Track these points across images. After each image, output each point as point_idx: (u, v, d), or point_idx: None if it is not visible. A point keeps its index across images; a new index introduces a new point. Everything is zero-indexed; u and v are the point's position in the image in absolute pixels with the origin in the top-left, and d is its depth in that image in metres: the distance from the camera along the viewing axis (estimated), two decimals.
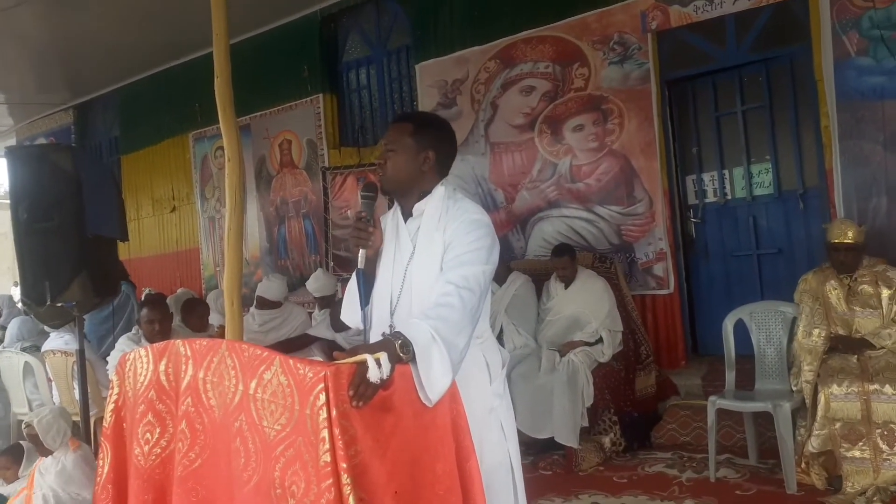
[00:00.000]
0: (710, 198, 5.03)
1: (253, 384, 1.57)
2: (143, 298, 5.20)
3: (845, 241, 3.62)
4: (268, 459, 1.54)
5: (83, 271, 3.54)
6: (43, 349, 4.96)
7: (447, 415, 1.72)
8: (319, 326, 5.07)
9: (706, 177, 5.05)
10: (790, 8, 4.49)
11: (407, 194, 2.03)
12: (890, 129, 4.12)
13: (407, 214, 2.05)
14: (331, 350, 2.05)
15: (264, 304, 5.12)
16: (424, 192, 2.03)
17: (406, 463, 1.59)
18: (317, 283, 5.36)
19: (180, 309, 5.04)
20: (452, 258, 1.88)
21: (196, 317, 4.82)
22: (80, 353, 3.79)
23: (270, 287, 5.16)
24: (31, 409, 4.91)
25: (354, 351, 1.59)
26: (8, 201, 3.77)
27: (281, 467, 1.51)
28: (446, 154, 2.08)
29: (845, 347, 3.48)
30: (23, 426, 3.29)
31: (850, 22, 4.19)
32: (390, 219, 2.10)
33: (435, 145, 2.03)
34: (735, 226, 4.93)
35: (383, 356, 1.54)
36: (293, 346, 4.87)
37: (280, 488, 1.50)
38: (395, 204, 2.10)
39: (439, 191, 2.03)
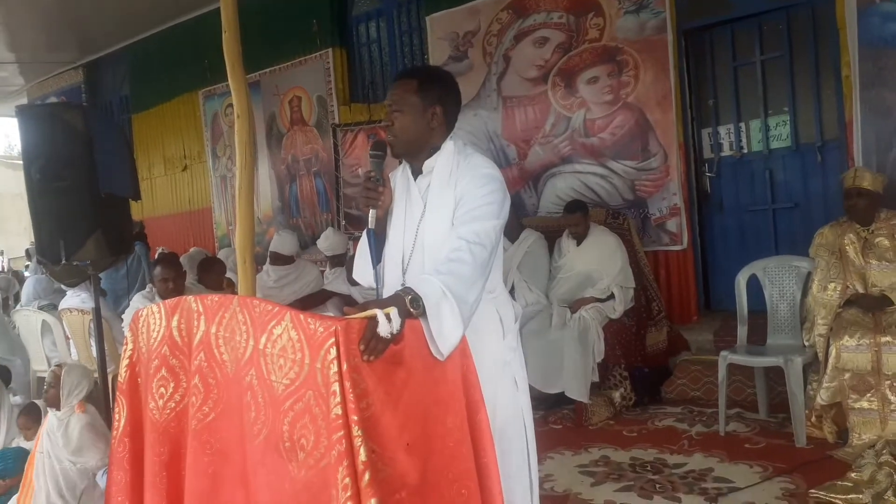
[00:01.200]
0: (726, 151, 4.95)
1: (263, 339, 1.59)
2: (156, 257, 5.24)
3: (861, 185, 3.57)
4: (276, 413, 1.55)
5: (97, 230, 3.55)
6: (60, 307, 5.04)
7: (458, 369, 1.73)
8: (336, 282, 5.11)
9: (722, 130, 4.96)
10: None
11: (417, 153, 2.01)
12: None
13: (417, 172, 2.03)
14: (347, 305, 2.06)
15: (278, 259, 5.15)
16: (434, 149, 2.00)
17: (417, 416, 1.61)
18: (327, 241, 5.38)
19: (196, 268, 5.08)
20: (464, 213, 1.87)
21: (214, 275, 4.86)
22: (96, 310, 3.84)
23: (283, 242, 5.18)
24: (49, 367, 5.00)
25: (365, 306, 1.59)
26: (21, 162, 3.78)
27: (290, 421, 1.53)
28: (453, 107, 2.04)
29: (865, 306, 3.44)
30: (50, 371, 3.32)
31: None
32: (399, 176, 2.08)
33: (442, 99, 2.00)
34: (751, 180, 4.86)
35: (393, 311, 1.55)
36: (310, 302, 4.92)
37: (289, 441, 1.52)
38: (404, 162, 2.08)
39: (449, 146, 2.00)
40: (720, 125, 4.97)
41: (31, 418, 3.48)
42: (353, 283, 4.59)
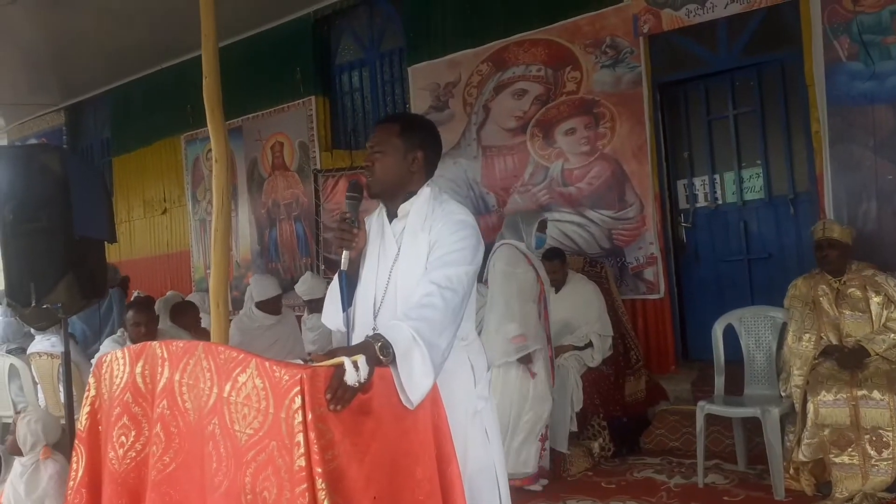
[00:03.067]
0: (701, 202, 5.03)
1: (227, 387, 1.55)
2: (130, 301, 5.16)
3: (830, 236, 3.63)
4: (238, 464, 1.51)
5: (69, 273, 3.50)
6: (29, 351, 4.91)
7: (428, 418, 1.70)
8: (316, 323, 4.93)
9: (697, 181, 5.05)
10: (781, 12, 4.49)
11: (394, 196, 2.02)
12: (880, 134, 4.13)
13: (392, 215, 2.03)
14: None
15: (269, 306, 4.85)
16: (411, 193, 2.01)
17: (385, 468, 1.57)
18: (305, 285, 5.32)
19: (170, 312, 4.99)
20: (436, 258, 1.87)
21: (188, 318, 4.77)
22: (66, 355, 3.75)
23: (266, 286, 4.94)
24: (15, 412, 4.86)
25: (332, 353, 1.56)
26: None
27: (252, 472, 1.48)
28: (434, 154, 2.06)
29: (842, 363, 3.45)
30: (14, 418, 3.23)
31: (841, 26, 4.20)
32: (375, 220, 2.08)
33: (423, 145, 2.02)
34: (726, 230, 4.93)
35: (361, 359, 1.52)
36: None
37: (251, 494, 1.48)
38: (381, 205, 2.09)
39: (425, 191, 2.01)
40: (695, 176, 5.05)
41: None
42: None
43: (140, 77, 8.29)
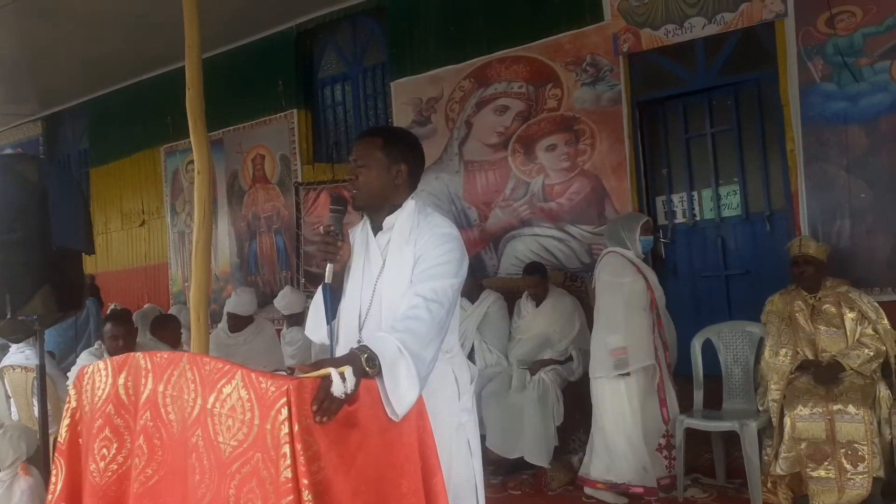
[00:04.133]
0: (680, 218, 5.10)
1: (211, 398, 1.54)
2: (107, 313, 5.09)
3: (807, 252, 3.70)
4: (222, 476, 1.50)
5: (46, 284, 3.44)
6: (2, 364, 4.81)
7: (414, 431, 1.70)
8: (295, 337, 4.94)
9: (675, 198, 5.12)
10: (757, 34, 4.59)
11: (379, 209, 2.02)
12: (853, 154, 4.22)
13: (377, 228, 2.04)
14: None
15: (237, 321, 4.97)
16: (395, 206, 2.02)
17: (371, 480, 1.57)
18: (284, 299, 5.30)
19: (150, 325, 4.93)
20: (421, 271, 1.87)
21: (169, 332, 4.72)
22: (41, 368, 3.68)
23: (241, 301, 5.06)
24: None
25: (319, 364, 1.56)
26: None
27: (236, 484, 1.47)
28: (417, 167, 2.08)
29: (818, 378, 3.50)
30: None
31: (815, 48, 4.31)
32: (359, 232, 2.08)
33: (406, 158, 2.03)
34: (703, 246, 5.00)
35: (348, 370, 1.52)
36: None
37: None
38: (365, 218, 2.09)
39: (410, 204, 2.02)
40: (674, 193, 5.12)
41: None
42: None
43: (119, 88, 8.22)
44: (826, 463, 3.32)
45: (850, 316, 3.63)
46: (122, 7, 5.88)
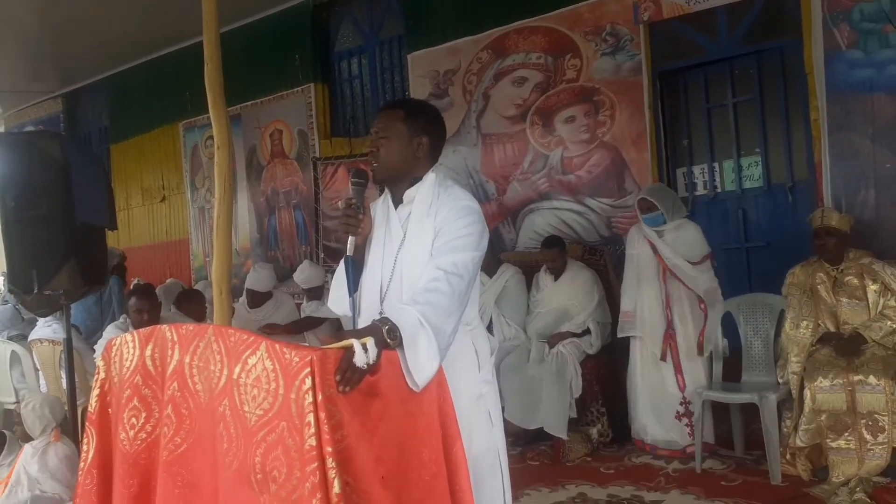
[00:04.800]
0: (700, 190, 5.04)
1: (237, 369, 1.57)
2: (131, 288, 5.18)
3: (829, 224, 3.65)
4: (248, 444, 1.53)
5: (71, 259, 3.52)
6: (30, 338, 4.93)
7: (434, 401, 1.73)
8: (320, 309, 5.03)
9: (696, 169, 5.06)
10: (781, 0, 4.49)
11: (399, 181, 2.03)
12: (879, 123, 4.14)
13: (397, 201, 2.05)
14: (333, 330, 2.06)
15: (255, 297, 5.07)
16: (416, 179, 2.02)
17: (393, 448, 1.60)
18: (303, 274, 5.35)
19: (175, 299, 5.02)
20: (442, 244, 1.88)
21: (194, 306, 4.81)
22: (68, 341, 3.77)
23: (259, 278, 5.13)
24: (17, 399, 4.88)
25: (341, 336, 1.59)
26: None
27: (262, 452, 1.51)
28: (438, 140, 2.08)
29: (839, 350, 3.48)
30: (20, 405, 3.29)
31: (841, 15, 4.20)
32: (380, 205, 2.09)
33: (428, 130, 2.03)
34: (725, 219, 4.95)
35: (370, 341, 1.54)
36: (301, 327, 4.87)
37: (260, 473, 1.50)
38: (386, 191, 2.10)
39: (430, 177, 2.02)
40: (694, 165, 5.07)
41: None
42: None
43: (138, 64, 8.26)
44: (846, 434, 3.33)
45: (872, 288, 3.59)
46: None
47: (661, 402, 4.06)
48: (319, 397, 1.44)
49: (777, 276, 4.01)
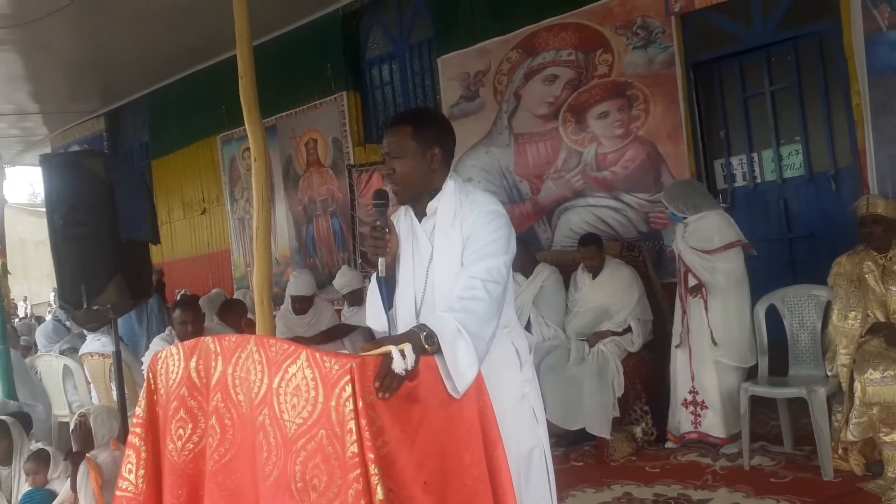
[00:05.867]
0: (739, 181, 4.95)
1: (277, 378, 1.60)
2: (175, 300, 5.29)
3: (875, 212, 3.55)
4: (288, 453, 1.56)
5: (118, 274, 3.63)
6: (81, 352, 5.08)
7: (474, 405, 1.73)
8: (355, 316, 5.10)
9: (735, 160, 4.97)
10: None
11: (420, 196, 2.02)
12: None
13: (420, 214, 2.04)
14: (373, 336, 2.07)
15: (303, 303, 5.12)
16: (436, 190, 2.02)
17: (434, 454, 1.60)
18: (343, 278, 5.41)
19: (218, 310, 5.12)
20: (473, 252, 1.89)
21: (235, 316, 4.90)
22: (117, 354, 3.89)
23: (300, 283, 5.19)
24: (70, 411, 5.04)
25: (379, 343, 1.61)
26: (44, 209, 3.88)
27: (301, 461, 1.53)
28: (450, 147, 2.07)
29: (890, 341, 3.37)
30: (74, 418, 3.41)
31: None
32: (402, 219, 2.09)
33: (438, 140, 2.02)
34: (765, 210, 4.84)
35: (407, 347, 1.56)
36: (331, 335, 4.93)
37: (301, 482, 1.52)
38: (407, 205, 2.10)
39: (450, 186, 2.02)
40: (732, 156, 4.97)
41: (39, 463, 3.50)
42: None
43: (175, 80, 8.46)
44: None
45: None
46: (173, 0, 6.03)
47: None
48: (360, 404, 1.46)
49: (822, 266, 3.90)
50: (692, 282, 4.09)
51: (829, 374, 3.63)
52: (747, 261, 4.10)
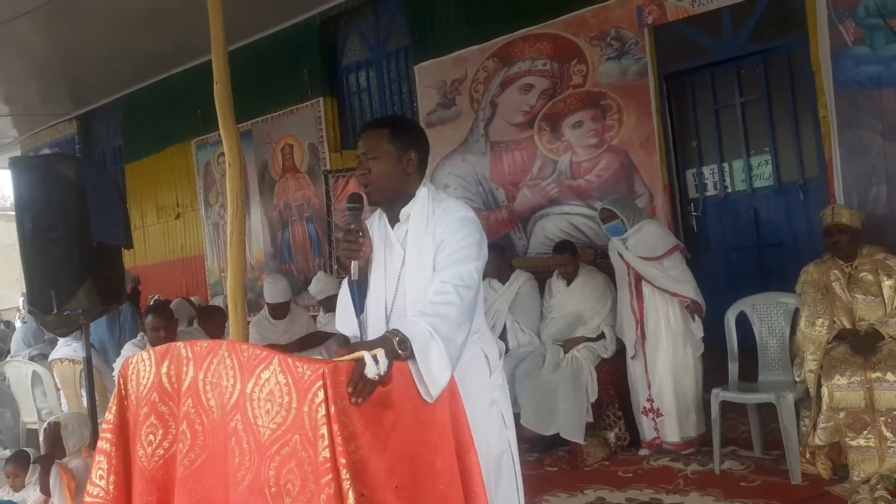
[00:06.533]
0: (711, 191, 5.03)
1: (250, 384, 1.60)
2: (148, 305, 5.24)
3: (840, 221, 3.63)
4: (261, 458, 1.56)
5: (88, 279, 3.57)
6: (51, 358, 5.00)
7: (447, 410, 1.74)
8: (331, 324, 5.07)
9: (706, 170, 5.05)
10: None
11: (394, 200, 2.04)
12: (888, 118, 4.12)
13: (394, 220, 2.06)
14: (348, 343, 2.08)
15: (277, 309, 5.06)
16: (409, 196, 2.03)
17: (406, 458, 1.61)
18: (318, 284, 5.38)
19: (197, 315, 5.06)
20: (445, 257, 1.91)
21: (214, 323, 4.85)
22: (87, 360, 3.82)
23: (275, 289, 5.14)
24: (39, 418, 4.95)
25: (352, 348, 1.61)
26: (13, 213, 3.81)
27: (276, 466, 1.53)
28: (425, 152, 2.09)
29: (855, 347, 3.45)
30: (44, 426, 3.36)
31: (847, 11, 4.19)
32: (376, 224, 2.10)
33: (415, 145, 2.04)
34: (736, 219, 4.93)
35: (380, 352, 1.57)
36: (307, 344, 4.90)
37: (275, 486, 1.52)
38: (380, 211, 2.11)
39: (423, 192, 2.04)
40: (704, 165, 5.06)
41: (19, 466, 3.44)
42: None
43: (150, 84, 8.38)
44: (865, 432, 3.30)
45: (888, 283, 3.56)
46: (147, 3, 5.97)
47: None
48: (332, 409, 1.47)
49: (791, 274, 3.99)
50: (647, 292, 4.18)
51: (798, 379, 3.70)
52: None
